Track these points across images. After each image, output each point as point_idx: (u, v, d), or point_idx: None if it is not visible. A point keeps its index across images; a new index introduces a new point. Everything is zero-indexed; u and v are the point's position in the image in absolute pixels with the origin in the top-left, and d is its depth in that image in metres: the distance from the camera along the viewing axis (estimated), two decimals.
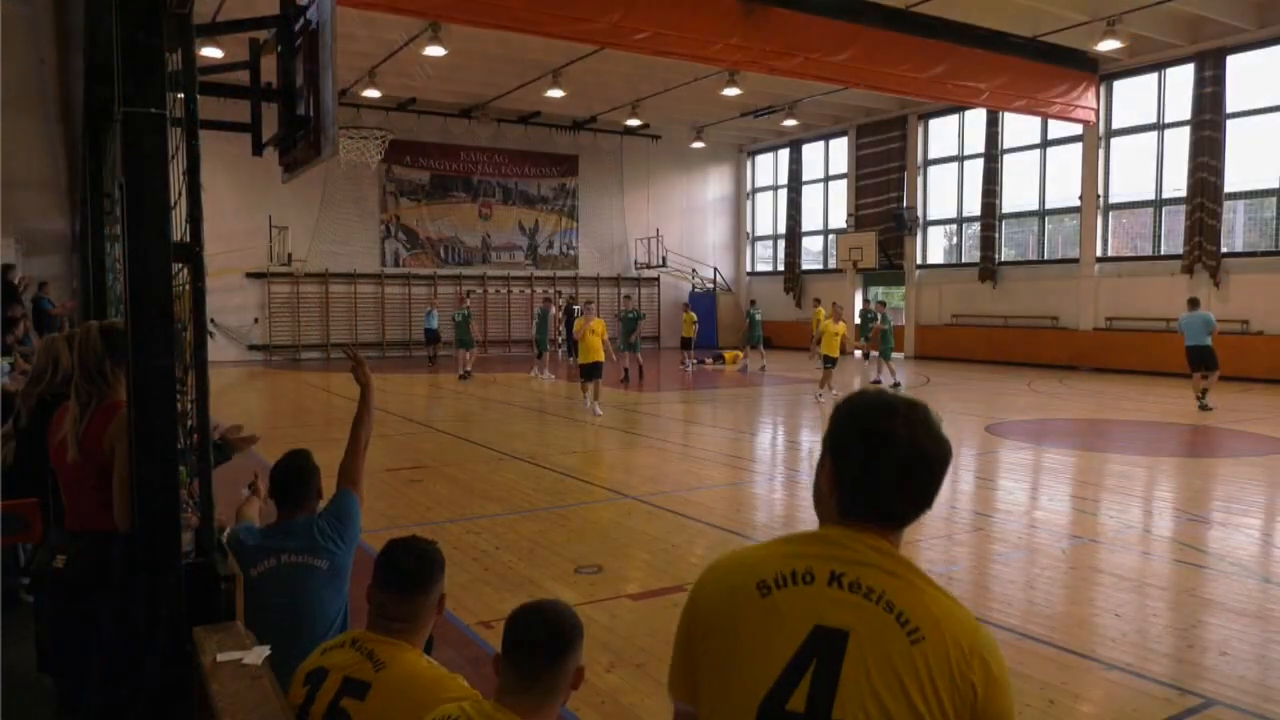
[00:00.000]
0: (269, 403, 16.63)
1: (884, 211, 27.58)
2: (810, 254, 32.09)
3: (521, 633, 2.07)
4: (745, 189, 33.64)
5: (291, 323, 26.27)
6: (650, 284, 31.92)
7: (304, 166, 4.07)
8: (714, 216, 33.45)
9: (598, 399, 14.11)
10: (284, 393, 18.18)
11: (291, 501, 3.28)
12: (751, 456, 10.79)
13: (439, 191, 28.46)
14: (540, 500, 8.15)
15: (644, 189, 31.79)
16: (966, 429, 12.92)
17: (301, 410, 15.50)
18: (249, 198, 24.60)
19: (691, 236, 32.80)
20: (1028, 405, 15.56)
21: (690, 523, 7.28)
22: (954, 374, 21.35)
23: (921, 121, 26.76)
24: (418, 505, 7.93)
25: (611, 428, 12.57)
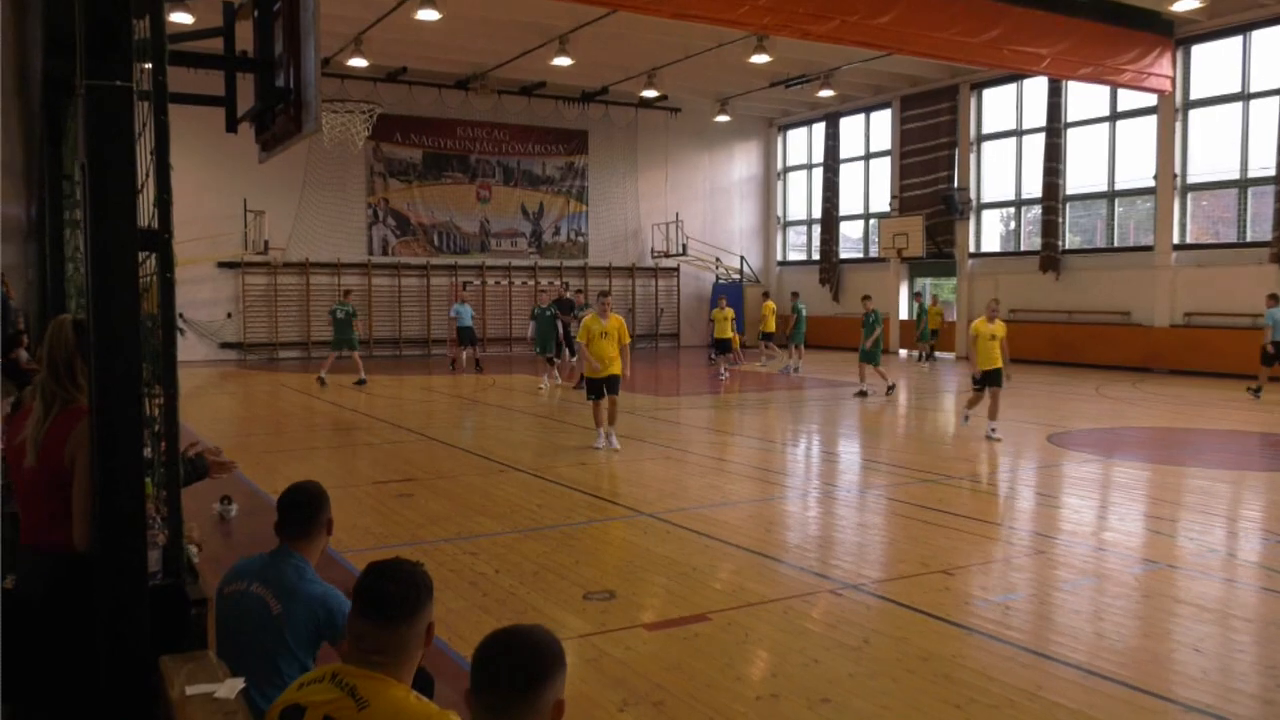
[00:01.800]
0: (243, 407, 16.72)
1: (932, 193, 27.47)
2: (849, 241, 31.99)
3: (489, 663, 2.06)
4: (775, 168, 33.58)
5: (268, 318, 26.44)
6: (669, 275, 31.92)
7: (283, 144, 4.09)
8: (740, 199, 33.41)
9: (613, 424, 11.76)
10: (259, 396, 18.27)
11: (289, 532, 3.32)
12: (783, 469, 10.76)
13: (432, 171, 28.58)
14: (545, 517, 8.16)
15: (661, 168, 31.80)
16: (1026, 439, 12.84)
17: (279, 416, 15.58)
18: (222, 179, 24.77)
19: (715, 222, 32.78)
20: (1095, 412, 15.46)
21: (713, 544, 7.26)
22: (1012, 377, 21.18)
23: (974, 92, 26.64)
24: (407, 522, 7.95)
25: (625, 436, 12.56)
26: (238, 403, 17.25)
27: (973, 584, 6.35)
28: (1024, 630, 5.47)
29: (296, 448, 12.01)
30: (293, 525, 3.32)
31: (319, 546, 3.37)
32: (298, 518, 3.33)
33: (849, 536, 7.64)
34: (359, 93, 25.39)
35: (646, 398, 17.56)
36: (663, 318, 31.72)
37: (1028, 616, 5.73)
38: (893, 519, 8.24)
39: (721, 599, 6.01)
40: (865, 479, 10.42)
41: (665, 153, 31.74)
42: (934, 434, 13.96)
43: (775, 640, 5.33)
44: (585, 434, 13.26)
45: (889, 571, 6.70)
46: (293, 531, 3.31)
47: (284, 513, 3.35)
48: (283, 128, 3.93)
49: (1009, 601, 5.97)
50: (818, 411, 15.67)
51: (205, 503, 8.16)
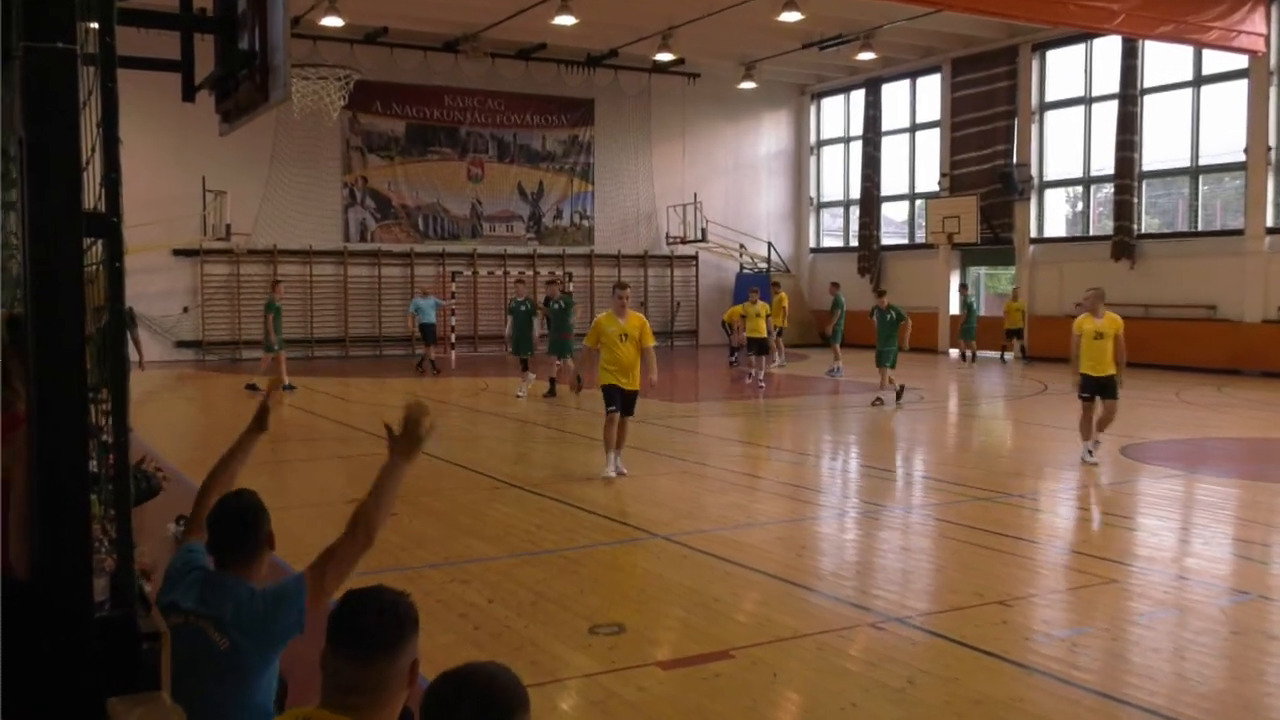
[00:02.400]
0: (201, 414, 16.79)
1: (988, 170, 27.40)
2: (892, 225, 31.92)
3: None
4: (808, 142, 33.55)
5: (230, 313, 26.57)
6: (686, 263, 31.93)
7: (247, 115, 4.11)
8: (768, 177, 33.39)
9: (620, 449, 10.68)
10: (220, 402, 18.35)
11: (225, 554, 3.32)
12: (817, 486, 10.75)
13: (417, 146, 28.67)
14: (545, 540, 8.17)
15: (678, 143, 31.81)
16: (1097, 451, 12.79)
17: (243, 425, 15.59)
18: (178, 155, 24.87)
19: (739, 203, 32.78)
20: (1176, 420, 15.38)
21: (737, 570, 7.26)
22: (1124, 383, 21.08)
23: (1037, 54, 26.56)
24: (389, 545, 7.97)
25: (636, 448, 12.56)
26: (196, 409, 17.32)
27: (1034, 617, 6.32)
28: (1093, 670, 5.44)
29: (263, 460, 12.02)
30: (230, 548, 3.31)
31: (262, 565, 3.38)
32: (235, 539, 3.32)
33: (892, 562, 7.62)
34: (334, 56, 25.49)
35: (661, 404, 17.56)
36: (679, 313, 31.73)
37: (1097, 654, 5.70)
38: (942, 542, 8.22)
39: (746, 633, 6.00)
40: (910, 497, 10.37)
41: (682, 125, 31.76)
42: (989, 445, 13.90)
43: (807, 680, 5.32)
44: (590, 446, 13.26)
45: (938, 602, 6.67)
46: (230, 555, 3.31)
47: (217, 532, 3.34)
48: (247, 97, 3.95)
49: (1076, 637, 5.94)
50: (856, 419, 15.63)
51: (158, 523, 8.19)
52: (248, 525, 3.36)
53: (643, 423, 15.77)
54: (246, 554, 3.34)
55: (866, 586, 6.95)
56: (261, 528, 3.38)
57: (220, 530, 3.35)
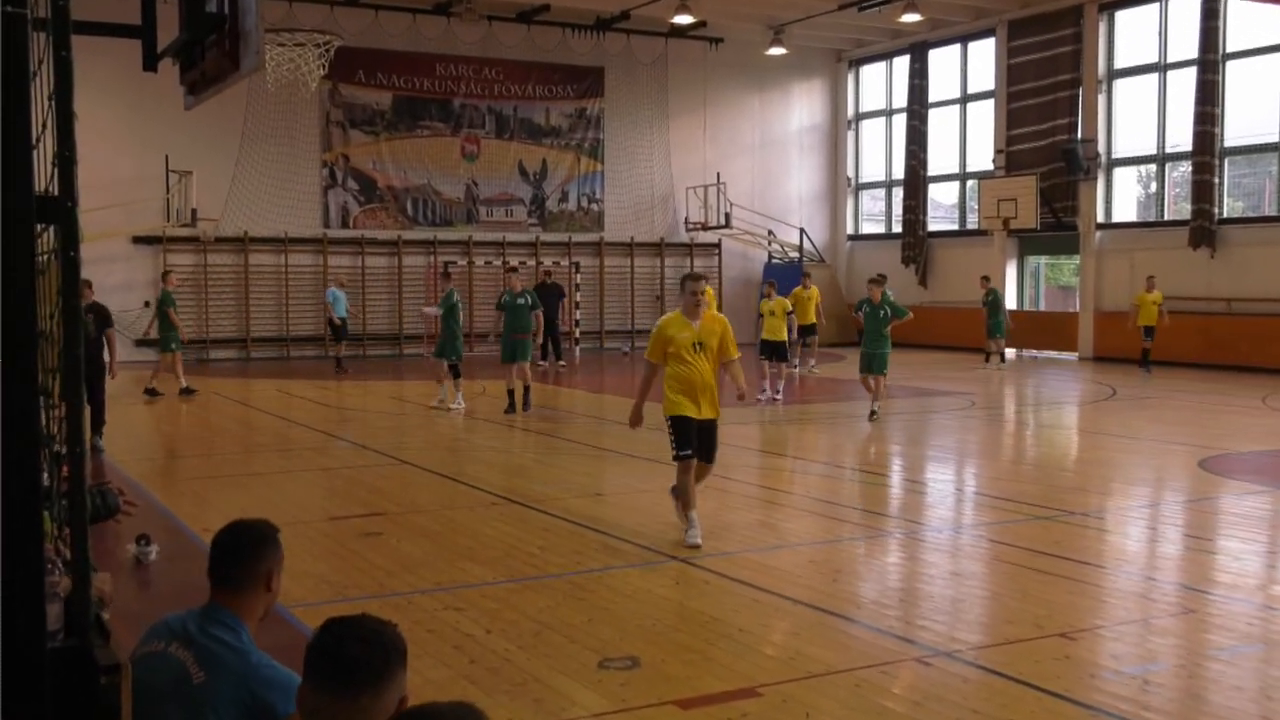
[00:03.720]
0: (165, 421, 16.87)
1: (1048, 146, 27.33)
2: (940, 209, 31.85)
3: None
4: (845, 115, 33.52)
5: (197, 307, 26.69)
6: (708, 252, 31.93)
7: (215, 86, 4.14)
8: (800, 155, 33.37)
9: (690, 510, 8.66)
10: (185, 408, 18.41)
11: (222, 585, 3.37)
12: (855, 502, 10.74)
13: (405, 120, 28.75)
14: (550, 562, 8.19)
15: (698, 116, 31.82)
16: (1171, 464, 12.73)
17: (211, 433, 15.70)
18: (138, 132, 25.02)
19: (768, 184, 32.76)
20: (1262, 429, 15.31)
21: (765, 597, 7.26)
22: (1152, 382, 21.07)
23: (1104, 14, 26.48)
24: (374, 569, 8.00)
25: (651, 460, 12.57)
26: (158, 416, 17.40)
27: (1100, 651, 6.30)
28: (1167, 711, 5.43)
29: (233, 473, 12.11)
30: (226, 575, 3.36)
31: (259, 605, 3.40)
32: (233, 565, 3.36)
33: (939, 589, 7.61)
34: (312, 21, 25.58)
35: None
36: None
37: (1172, 694, 5.68)
38: (996, 567, 8.20)
39: (775, 668, 6.00)
40: (960, 515, 10.35)
41: (703, 96, 31.76)
42: (1050, 457, 13.86)
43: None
44: (597, 457, 13.26)
45: (992, 634, 6.67)
46: (226, 583, 3.35)
47: (217, 558, 3.39)
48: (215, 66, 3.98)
49: (1148, 674, 5.92)
50: (899, 428, 15.60)
51: (117, 543, 8.25)
52: (251, 556, 3.38)
53: (658, 431, 15.72)
54: (244, 587, 3.36)
55: (911, 616, 6.94)
56: (265, 560, 3.39)
57: (221, 557, 3.39)
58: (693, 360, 8.66)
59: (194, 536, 8.89)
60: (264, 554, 3.40)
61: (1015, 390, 21.20)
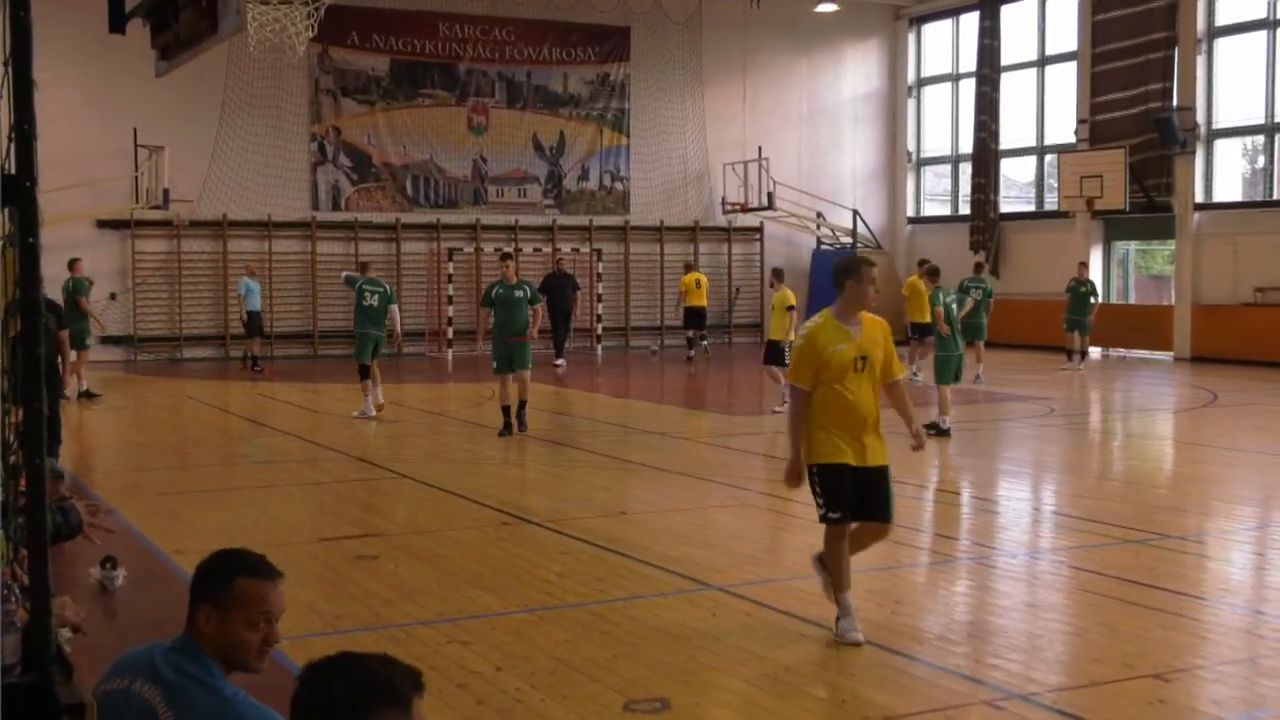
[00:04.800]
0: (133, 429, 16.94)
1: (1139, 115, 27.13)
2: (1015, 188, 31.66)
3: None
4: (905, 81, 33.37)
5: (170, 300, 26.86)
6: (748, 238, 31.87)
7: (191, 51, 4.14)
8: (854, 127, 33.26)
9: (844, 592, 7.09)
10: (156, 413, 18.51)
11: None
12: (917, 523, 10.68)
13: (404, 88, 28.82)
14: (568, 591, 8.17)
15: (737, 82, 31.77)
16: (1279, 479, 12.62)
17: (185, 442, 15.76)
18: (104, 102, 25.17)
19: (816, 160, 32.67)
20: None
21: (814, 631, 7.23)
22: (1259, 387, 20.88)
23: None
24: (369, 597, 8.01)
25: (684, 474, 12.54)
26: (126, 423, 17.49)
27: (1199, 695, 6.24)
28: None
29: (209, 487, 12.15)
30: None
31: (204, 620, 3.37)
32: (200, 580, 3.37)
33: (1014, 623, 7.56)
34: None
35: (717, 417, 17.52)
36: (739, 300, 31.67)
37: None
38: (1079, 597, 8.14)
39: (826, 713, 5.97)
40: (1037, 538, 10.28)
41: (743, 60, 31.71)
42: (1142, 472, 13.76)
43: None
44: (624, 471, 13.23)
45: (1073, 675, 6.61)
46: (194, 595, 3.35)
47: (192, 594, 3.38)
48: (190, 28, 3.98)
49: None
50: (969, 439, 15.53)
51: (80, 567, 8.29)
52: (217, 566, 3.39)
53: (694, 442, 15.74)
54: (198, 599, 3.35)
55: (981, 654, 6.89)
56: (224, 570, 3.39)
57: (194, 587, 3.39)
58: (854, 383, 7.13)
59: (166, 559, 8.92)
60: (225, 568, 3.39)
61: (1100, 395, 21.05)
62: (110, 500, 10.95)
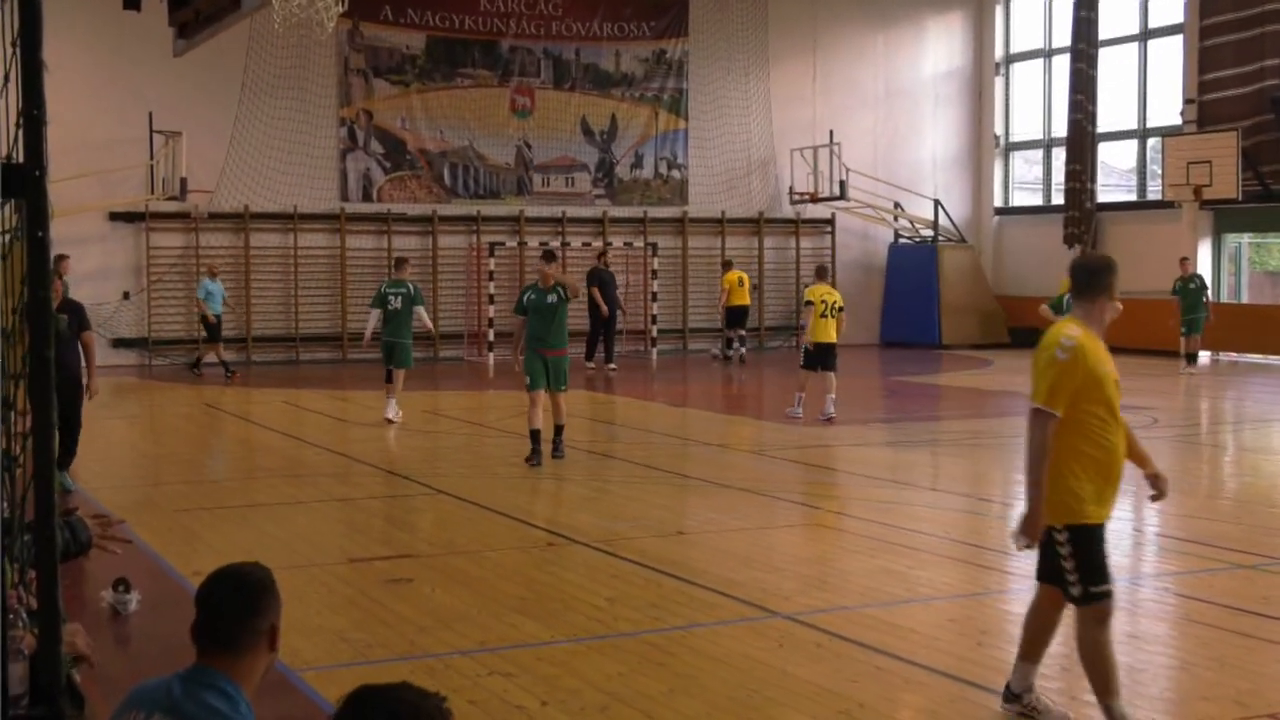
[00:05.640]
0: (147, 440, 17.11)
1: (1253, 94, 26.86)
2: (1114, 175, 31.39)
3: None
4: (992, 57, 33.15)
5: (186, 299, 27.03)
6: (817, 231, 31.79)
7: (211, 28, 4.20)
8: (935, 109, 33.10)
9: (1115, 699, 6.09)
10: (173, 423, 18.67)
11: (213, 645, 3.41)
12: (1003, 545, 10.59)
13: (441, 68, 28.94)
14: (620, 618, 8.17)
15: (806, 60, 31.70)
16: None
17: (203, 454, 15.90)
18: (117, 85, 25.45)
19: (894, 145, 32.56)
20: None
21: (891, 664, 7.20)
22: None
23: None
24: (403, 623, 8.04)
25: (747, 490, 12.51)
26: (139, 433, 17.66)
27: None
28: None
29: (230, 503, 12.24)
30: (218, 632, 3.40)
31: (258, 666, 3.45)
32: (226, 621, 3.40)
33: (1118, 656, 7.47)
34: None
35: (782, 427, 17.45)
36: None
37: None
38: (1186, 629, 8.07)
39: None
40: (1138, 562, 10.18)
41: (813, 33, 31.64)
42: (1256, 490, 13.59)
43: None
44: (683, 487, 13.23)
45: (1181, 714, 6.58)
46: (217, 642, 3.39)
47: (206, 612, 3.43)
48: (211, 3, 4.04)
49: None
50: None
51: (91, 590, 8.37)
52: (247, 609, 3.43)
53: (758, 455, 15.68)
54: (241, 647, 3.40)
55: (1076, 690, 6.84)
56: (264, 615, 3.44)
57: (211, 611, 3.42)
58: (1117, 420, 6.24)
59: (183, 581, 8.99)
60: (265, 606, 3.45)
61: (1210, 404, 20.81)
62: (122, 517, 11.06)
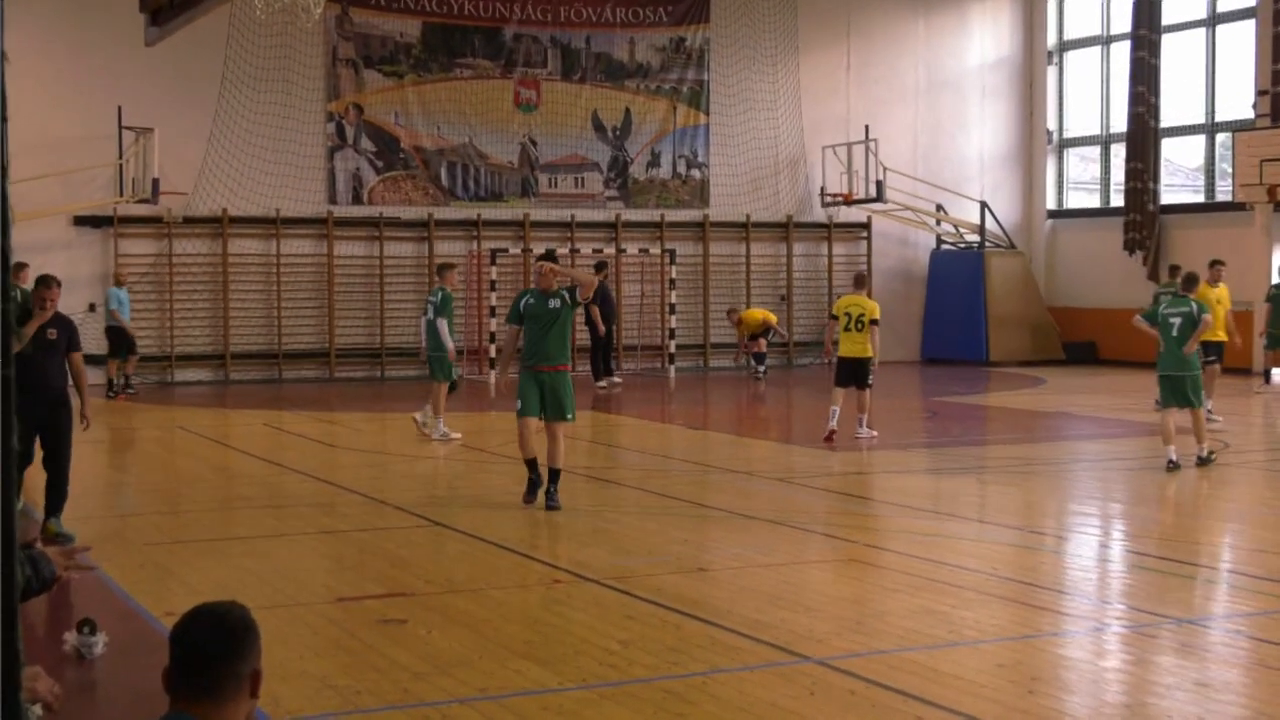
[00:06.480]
0: (116, 467, 17.13)
1: None
2: (1180, 174, 31.31)
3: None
4: (1044, 45, 33.15)
5: (159, 311, 27.15)
6: (851, 236, 31.81)
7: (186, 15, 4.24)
8: (981, 102, 33.11)
9: None
10: (144, 447, 18.69)
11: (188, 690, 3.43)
12: (1059, 583, 10.59)
13: (438, 58, 29.01)
14: (636, 663, 8.17)
15: (839, 49, 31.75)
16: None
17: (177, 482, 15.91)
18: (83, 77, 25.54)
19: (936, 142, 32.60)
20: None
21: (934, 714, 7.18)
22: None
23: None
24: (396, 669, 8.05)
25: (775, 522, 12.49)
26: (106, 459, 17.68)
27: None
28: None
29: (206, 536, 12.26)
30: (194, 677, 3.42)
31: (238, 714, 3.47)
32: (203, 665, 3.43)
33: (1181, 704, 7.48)
34: None
35: (812, 452, 17.44)
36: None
37: None
38: (1260, 675, 8.04)
39: None
40: (1209, 601, 10.15)
41: (846, 20, 31.68)
42: None
43: None
44: (701, 521, 13.23)
45: None
46: (194, 688, 3.41)
47: (181, 656, 3.46)
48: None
49: None
50: (1122, 479, 15.35)
51: (54, 631, 8.39)
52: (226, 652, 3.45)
53: (787, 483, 15.65)
54: (220, 692, 3.42)
55: None
56: (244, 659, 3.47)
57: (186, 655, 3.45)
58: None
59: (154, 622, 8.99)
60: (246, 649, 3.47)
61: None
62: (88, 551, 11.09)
